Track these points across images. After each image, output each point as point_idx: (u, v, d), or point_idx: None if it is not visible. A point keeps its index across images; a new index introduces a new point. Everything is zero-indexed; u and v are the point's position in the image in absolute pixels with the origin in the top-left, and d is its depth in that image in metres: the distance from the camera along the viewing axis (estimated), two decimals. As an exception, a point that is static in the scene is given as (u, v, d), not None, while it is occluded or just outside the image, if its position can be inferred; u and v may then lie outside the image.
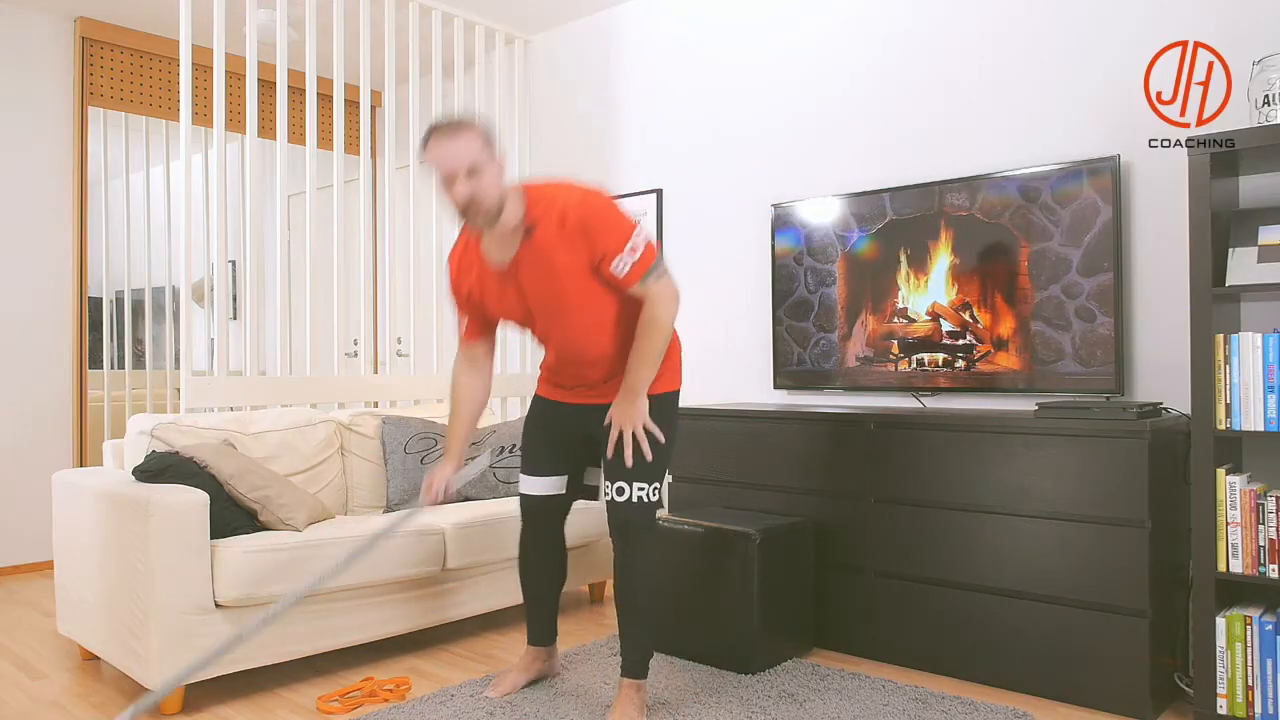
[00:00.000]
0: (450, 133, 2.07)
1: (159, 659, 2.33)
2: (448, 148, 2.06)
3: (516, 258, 2.19)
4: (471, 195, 2.06)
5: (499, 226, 2.14)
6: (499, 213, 2.11)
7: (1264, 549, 2.16)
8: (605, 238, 2.12)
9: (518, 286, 2.23)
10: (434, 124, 2.12)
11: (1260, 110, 2.25)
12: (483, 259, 2.26)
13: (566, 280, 2.16)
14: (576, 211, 2.11)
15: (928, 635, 2.69)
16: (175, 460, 2.58)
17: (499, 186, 2.11)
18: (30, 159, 4.20)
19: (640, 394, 2.23)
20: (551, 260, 2.14)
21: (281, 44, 3.51)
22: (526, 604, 2.59)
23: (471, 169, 2.05)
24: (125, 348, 5.03)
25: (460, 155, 2.05)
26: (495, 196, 2.09)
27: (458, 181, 2.06)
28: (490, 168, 2.09)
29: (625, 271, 2.14)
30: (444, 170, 2.07)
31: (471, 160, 2.05)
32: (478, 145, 2.08)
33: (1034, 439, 2.50)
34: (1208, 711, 2.22)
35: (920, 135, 3.20)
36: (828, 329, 3.32)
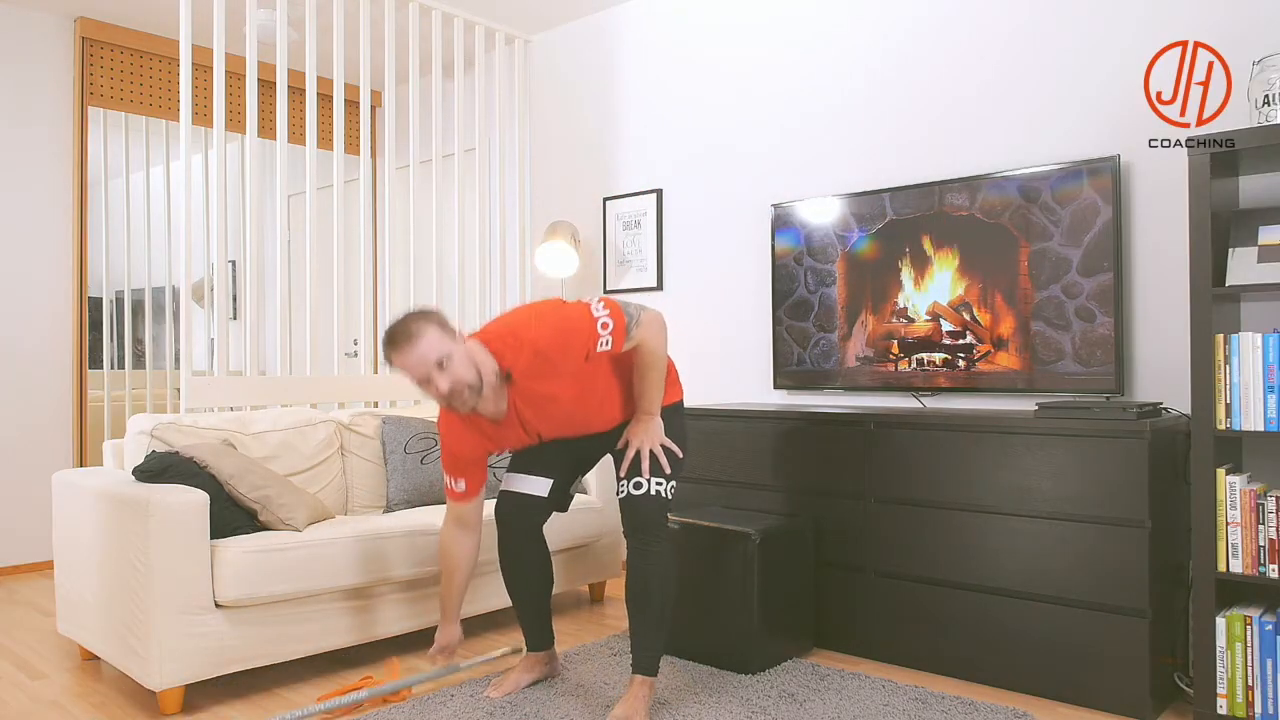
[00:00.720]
0: (407, 340, 2.09)
1: (159, 659, 2.33)
2: (411, 354, 2.08)
3: (511, 403, 2.26)
4: (451, 385, 2.09)
5: (485, 394, 2.17)
6: (480, 385, 2.14)
7: (1264, 549, 2.16)
8: (575, 342, 2.16)
9: (523, 424, 2.31)
10: (389, 333, 2.12)
11: (1260, 110, 2.25)
12: (479, 420, 2.30)
13: (563, 391, 2.24)
14: (543, 341, 2.16)
15: (928, 635, 2.69)
16: (175, 460, 2.58)
17: (470, 362, 2.12)
18: (30, 159, 4.20)
19: (655, 415, 2.34)
20: (544, 387, 2.22)
21: (281, 44, 3.51)
22: (518, 612, 2.56)
23: (440, 362, 2.08)
24: (125, 348, 5.03)
25: (426, 357, 2.08)
26: (472, 374, 2.12)
27: (433, 379, 2.09)
28: (456, 350, 2.11)
29: (610, 346, 2.19)
30: (417, 376, 2.11)
31: (437, 356, 2.08)
32: (437, 338, 2.10)
33: (1034, 439, 2.50)
34: (1208, 711, 2.22)
35: (920, 135, 3.20)
36: (828, 329, 3.32)
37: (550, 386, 2.22)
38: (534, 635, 2.57)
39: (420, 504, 3.25)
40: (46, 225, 4.24)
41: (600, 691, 2.50)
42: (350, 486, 3.23)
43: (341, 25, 3.68)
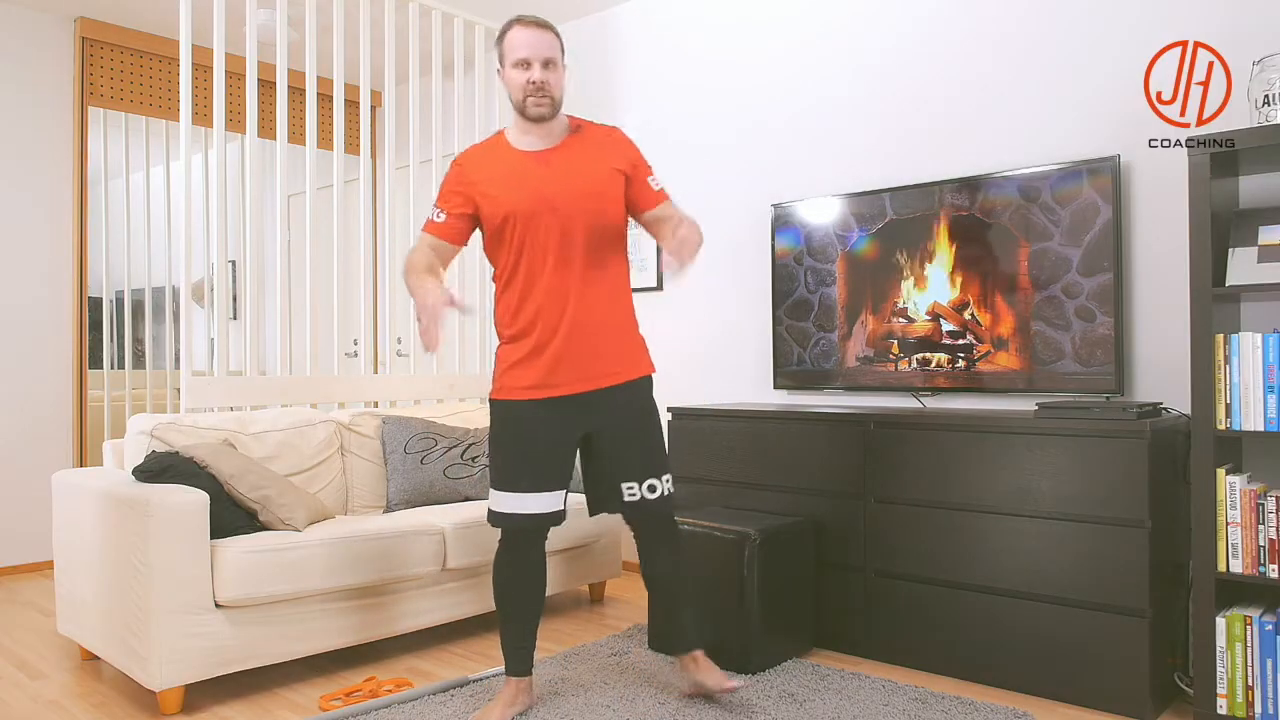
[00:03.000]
0: (545, 26, 2.22)
1: (159, 659, 2.33)
2: (537, 34, 2.19)
3: (563, 143, 2.28)
4: (545, 80, 2.18)
5: (551, 123, 2.25)
6: (557, 110, 2.24)
7: (1264, 549, 2.16)
8: (637, 159, 2.34)
9: (551, 171, 2.24)
10: (525, 16, 2.24)
11: (1260, 110, 2.25)
12: (511, 150, 2.27)
13: (601, 174, 2.26)
14: (615, 131, 2.35)
15: (928, 635, 2.69)
16: (175, 460, 2.58)
17: (563, 88, 2.25)
18: (30, 159, 4.20)
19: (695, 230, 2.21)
20: (594, 155, 2.28)
21: (281, 44, 3.51)
22: (510, 631, 2.32)
23: (550, 61, 2.20)
24: (125, 348, 5.03)
25: (547, 45, 2.20)
26: (560, 94, 2.24)
27: (535, 67, 2.18)
28: (561, 72, 2.24)
29: (659, 189, 2.34)
30: (532, 53, 2.18)
31: (555, 53, 2.21)
32: (558, 44, 2.24)
33: (1034, 439, 2.50)
34: (1208, 711, 2.22)
35: (920, 135, 3.20)
36: (828, 329, 3.32)
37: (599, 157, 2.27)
38: (522, 659, 2.33)
39: (420, 504, 3.25)
40: (46, 225, 4.24)
41: (600, 691, 2.50)
42: (350, 486, 3.23)
43: (341, 25, 3.68)
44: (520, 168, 2.24)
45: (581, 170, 2.25)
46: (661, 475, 2.31)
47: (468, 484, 3.35)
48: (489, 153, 2.30)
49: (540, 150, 2.26)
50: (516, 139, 2.28)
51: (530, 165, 2.24)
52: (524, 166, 2.24)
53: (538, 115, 2.21)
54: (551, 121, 2.25)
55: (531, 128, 2.25)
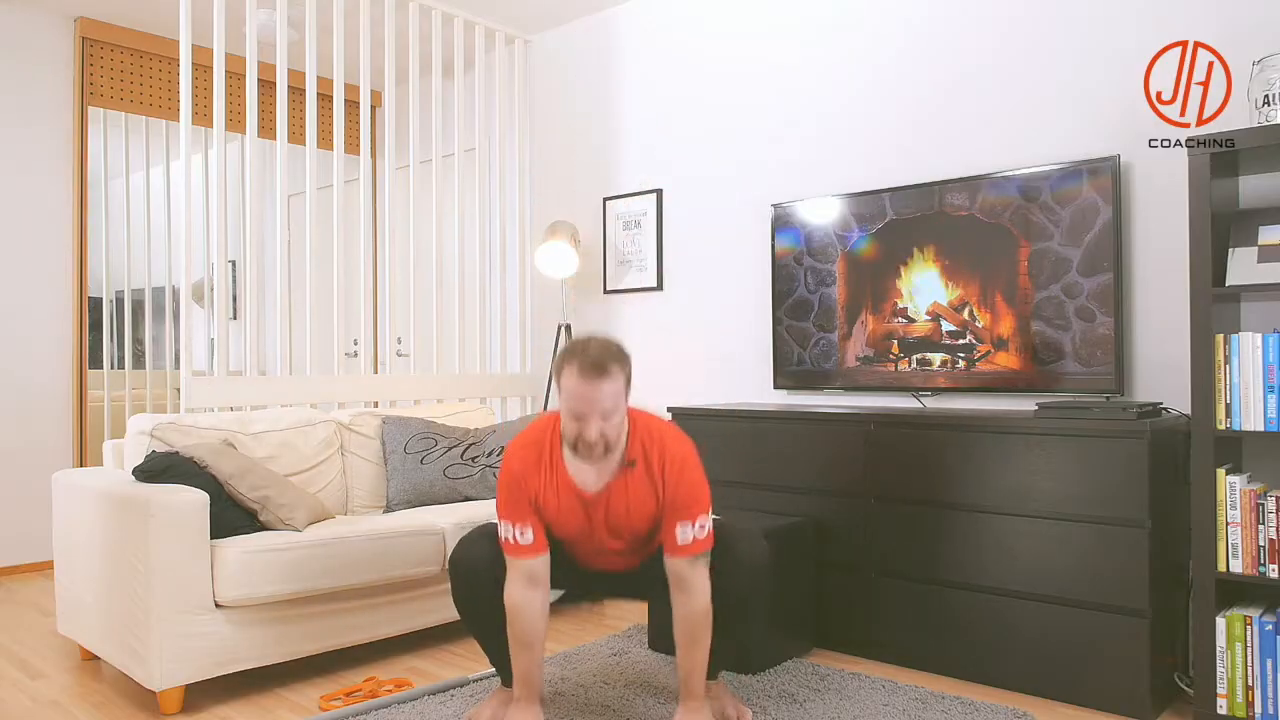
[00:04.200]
0: (601, 375, 1.97)
1: (159, 659, 2.33)
2: (596, 390, 1.96)
3: (610, 485, 2.10)
4: (602, 436, 1.99)
5: (605, 459, 2.07)
6: (613, 449, 2.06)
7: (1264, 549, 2.16)
8: (686, 499, 2.07)
9: (598, 510, 2.11)
10: (587, 354, 1.98)
11: (1260, 110, 2.25)
12: (563, 473, 2.11)
13: (641, 515, 2.11)
14: (676, 461, 2.09)
15: (928, 635, 2.69)
16: (175, 460, 2.58)
17: (623, 426, 2.06)
18: (30, 159, 4.20)
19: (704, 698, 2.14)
20: (640, 495, 2.10)
21: (281, 44, 3.51)
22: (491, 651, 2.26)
23: (607, 413, 1.99)
24: (125, 348, 5.03)
25: (604, 401, 1.97)
26: (621, 436, 2.06)
27: (593, 421, 1.98)
28: (623, 407, 2.04)
29: (688, 542, 2.06)
30: (582, 409, 1.98)
31: (613, 405, 1.99)
32: (621, 389, 2.01)
33: (1034, 439, 2.50)
34: (1208, 711, 2.22)
35: (920, 135, 3.20)
36: (828, 329, 3.32)
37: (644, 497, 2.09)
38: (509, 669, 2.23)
39: (420, 504, 3.25)
40: (46, 225, 4.24)
41: (600, 692, 2.50)
42: (350, 486, 3.23)
43: (341, 25, 3.68)
44: (570, 502, 2.11)
45: (627, 517, 2.11)
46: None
47: (468, 484, 3.35)
48: (543, 462, 2.12)
49: (591, 492, 2.10)
50: (570, 459, 2.11)
51: (580, 505, 2.11)
52: (574, 503, 2.11)
53: (589, 459, 2.05)
54: (605, 460, 2.08)
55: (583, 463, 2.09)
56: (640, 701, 2.42)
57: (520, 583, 2.08)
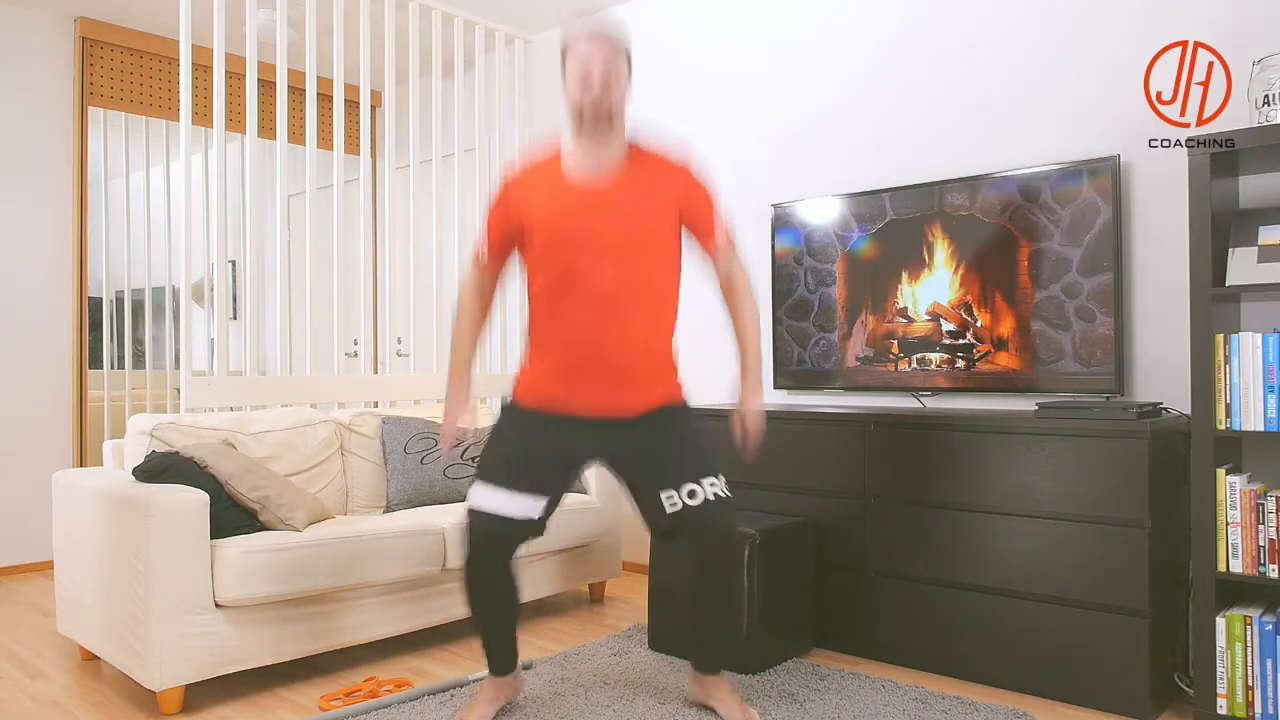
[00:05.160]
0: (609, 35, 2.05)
1: (159, 659, 2.33)
2: (609, 47, 2.04)
3: (618, 172, 2.11)
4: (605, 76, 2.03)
5: (609, 138, 2.09)
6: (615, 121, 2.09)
7: (1264, 549, 2.16)
8: (701, 188, 2.17)
9: (602, 203, 2.08)
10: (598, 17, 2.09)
11: (1260, 110, 2.25)
12: (561, 175, 2.11)
13: (654, 212, 2.12)
14: (668, 158, 2.17)
15: (928, 635, 2.69)
16: (175, 460, 2.58)
17: (624, 105, 2.11)
18: (30, 159, 4.20)
19: (761, 402, 2.27)
20: (649, 185, 2.12)
21: (281, 44, 3.51)
22: (484, 638, 2.26)
23: (616, 75, 2.06)
24: (125, 348, 5.03)
25: (615, 61, 2.05)
26: (623, 103, 2.09)
27: (596, 75, 2.02)
28: (625, 82, 2.10)
29: (723, 238, 2.21)
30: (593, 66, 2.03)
31: (619, 70, 2.07)
32: (626, 59, 2.10)
33: (1034, 439, 2.50)
34: (1208, 711, 2.22)
35: (920, 135, 3.20)
36: (828, 329, 3.32)
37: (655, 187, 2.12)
38: (501, 660, 2.29)
39: (420, 504, 3.25)
40: (46, 225, 4.24)
41: (599, 692, 2.50)
42: (350, 486, 3.23)
43: (341, 25, 3.68)
44: (568, 199, 2.09)
45: (632, 206, 2.09)
46: (702, 479, 2.12)
47: (468, 484, 3.34)
48: (537, 173, 2.16)
49: (599, 181, 2.09)
50: (572, 153, 2.12)
51: (579, 199, 2.09)
52: (572, 199, 2.09)
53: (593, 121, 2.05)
54: (612, 134, 2.09)
55: (585, 148, 2.09)
56: (640, 701, 2.42)
57: (472, 287, 2.31)
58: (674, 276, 2.22)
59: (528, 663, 2.73)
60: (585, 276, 2.08)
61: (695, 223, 2.18)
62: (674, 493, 2.12)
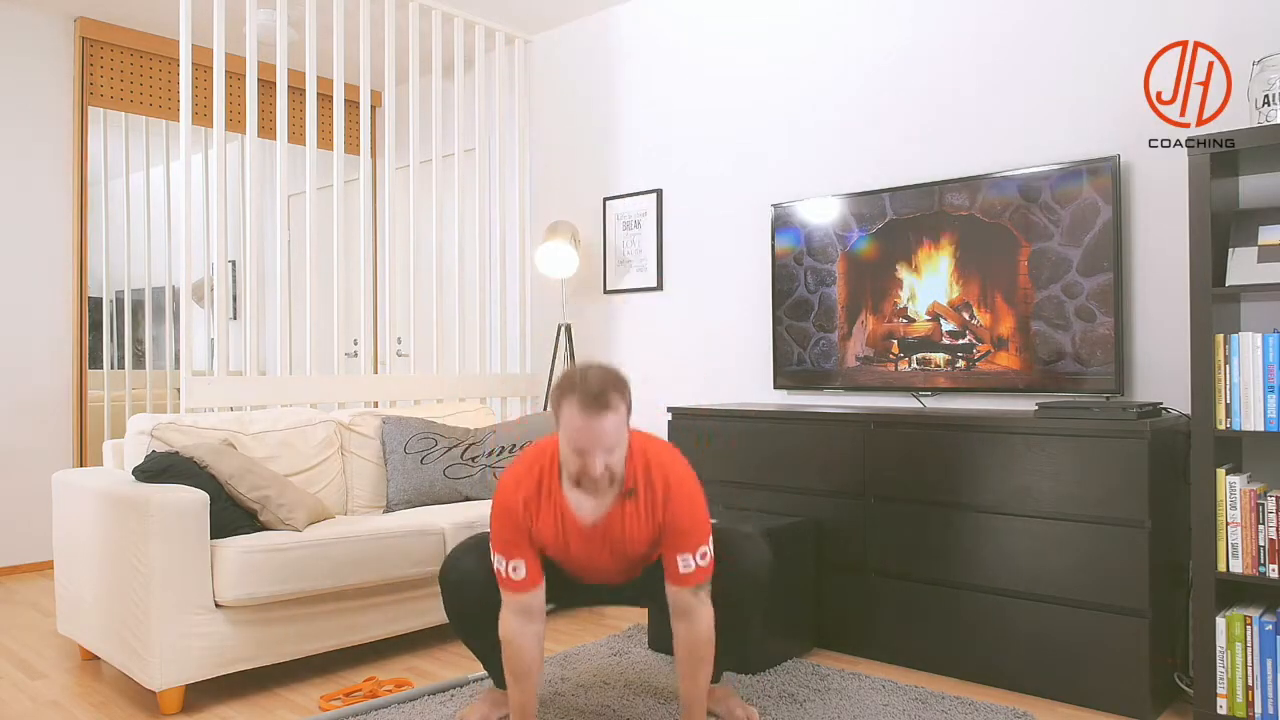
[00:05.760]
0: (603, 410, 1.89)
1: (159, 659, 2.33)
2: (597, 426, 1.89)
3: (609, 515, 2.05)
4: (607, 469, 1.94)
5: (608, 489, 2.04)
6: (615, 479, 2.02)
7: (1264, 549, 2.16)
8: (687, 528, 2.02)
9: (596, 538, 2.07)
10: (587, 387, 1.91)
11: (1260, 110, 2.25)
12: (562, 503, 2.05)
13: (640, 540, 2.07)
14: (678, 489, 2.03)
15: (928, 635, 2.69)
16: (175, 460, 2.58)
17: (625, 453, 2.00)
18: (30, 159, 4.20)
19: None
20: (639, 523, 2.05)
21: (281, 44, 3.51)
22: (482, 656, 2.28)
23: (614, 446, 1.94)
24: (125, 348, 5.03)
25: (606, 437, 1.91)
26: (622, 467, 2.00)
27: (596, 455, 1.92)
28: (625, 439, 1.98)
29: (690, 571, 2.01)
30: (583, 444, 1.91)
31: (615, 441, 1.94)
32: (622, 422, 1.95)
33: (1034, 439, 2.50)
34: (1208, 711, 2.22)
35: (920, 135, 3.20)
36: (828, 329, 3.32)
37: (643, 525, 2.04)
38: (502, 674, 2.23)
39: (420, 504, 3.25)
40: (46, 225, 4.24)
41: (599, 692, 2.50)
42: (350, 486, 3.23)
43: (341, 25, 3.68)
44: (569, 532, 2.06)
45: (627, 539, 2.06)
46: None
47: (468, 484, 3.35)
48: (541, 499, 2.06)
49: (589, 523, 2.06)
50: (568, 490, 2.05)
51: (578, 534, 2.06)
52: (573, 532, 2.06)
53: (593, 493, 2.02)
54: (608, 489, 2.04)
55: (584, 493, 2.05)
56: (640, 702, 2.42)
57: (515, 617, 2.04)
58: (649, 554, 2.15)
59: None
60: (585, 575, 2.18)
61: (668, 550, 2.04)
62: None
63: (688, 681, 2.07)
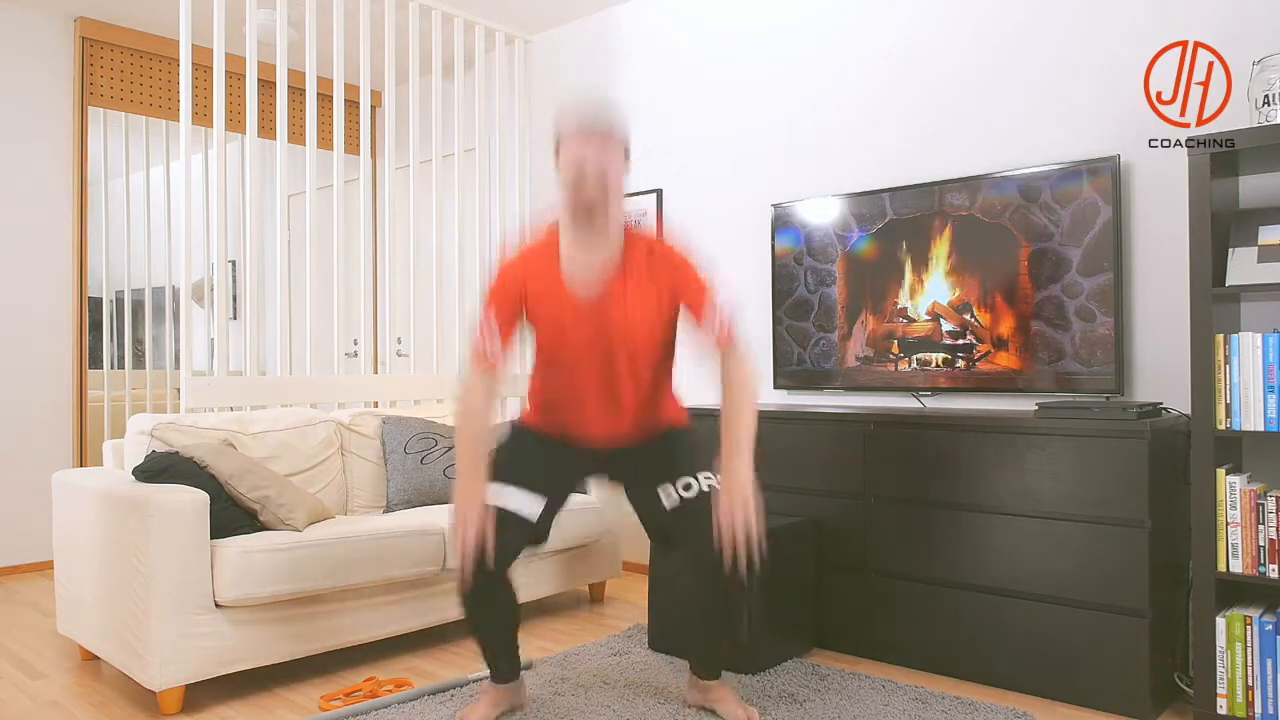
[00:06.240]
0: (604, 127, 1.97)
1: (159, 659, 2.33)
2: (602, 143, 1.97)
3: (609, 288, 2.09)
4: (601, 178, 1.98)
5: (606, 233, 2.06)
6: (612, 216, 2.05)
7: (1264, 549, 2.16)
8: (695, 288, 2.11)
9: (602, 314, 2.09)
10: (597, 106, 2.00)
11: (1260, 110, 2.25)
12: (559, 273, 2.09)
13: (650, 313, 2.10)
14: (661, 246, 2.13)
15: (928, 635, 2.69)
16: (175, 460, 2.58)
17: (622, 200, 2.07)
18: (30, 159, 4.20)
19: (750, 477, 2.07)
20: (646, 286, 2.09)
21: (281, 44, 3.51)
22: (484, 645, 2.25)
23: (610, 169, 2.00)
24: (125, 348, 5.03)
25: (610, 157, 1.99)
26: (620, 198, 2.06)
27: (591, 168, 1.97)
28: (623, 175, 2.05)
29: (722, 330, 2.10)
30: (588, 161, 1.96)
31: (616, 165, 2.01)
32: (623, 153, 2.05)
33: (1034, 439, 2.50)
34: (1208, 711, 2.22)
35: (920, 135, 3.20)
36: (828, 329, 3.32)
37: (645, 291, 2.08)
38: (504, 665, 2.29)
39: (420, 504, 3.25)
40: (46, 225, 4.24)
41: (599, 692, 2.50)
42: (350, 486, 3.23)
43: (341, 25, 3.68)
44: (567, 310, 2.09)
45: (630, 316, 2.09)
46: (697, 473, 2.14)
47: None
48: (540, 262, 2.12)
49: (590, 276, 2.08)
50: (568, 256, 2.10)
51: (575, 310, 2.09)
52: (570, 309, 2.09)
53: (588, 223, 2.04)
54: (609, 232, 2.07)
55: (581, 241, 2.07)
56: (640, 702, 2.42)
57: (479, 392, 2.11)
58: (671, 350, 2.25)
59: (528, 663, 2.73)
60: (585, 370, 2.15)
61: (695, 314, 2.13)
62: (670, 487, 2.16)
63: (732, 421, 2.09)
